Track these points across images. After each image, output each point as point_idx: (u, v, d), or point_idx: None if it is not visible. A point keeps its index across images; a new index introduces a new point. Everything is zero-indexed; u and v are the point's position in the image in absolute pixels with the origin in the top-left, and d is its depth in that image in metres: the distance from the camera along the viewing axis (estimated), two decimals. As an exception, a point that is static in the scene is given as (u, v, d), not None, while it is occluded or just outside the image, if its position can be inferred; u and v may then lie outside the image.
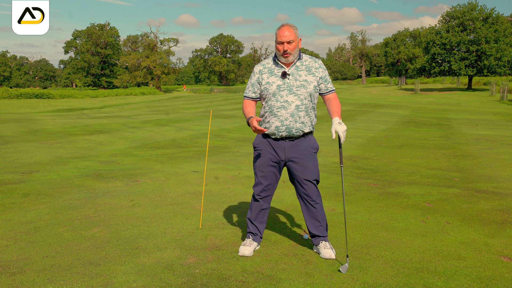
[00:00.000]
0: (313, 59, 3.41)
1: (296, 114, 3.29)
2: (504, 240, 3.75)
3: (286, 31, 3.23)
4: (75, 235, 3.85)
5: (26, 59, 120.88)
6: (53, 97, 46.11)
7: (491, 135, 13.47)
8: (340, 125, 3.19)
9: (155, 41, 79.45)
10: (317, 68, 3.36)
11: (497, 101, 34.33)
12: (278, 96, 3.30)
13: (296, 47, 3.26)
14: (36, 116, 22.14)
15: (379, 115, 23.02)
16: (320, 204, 3.45)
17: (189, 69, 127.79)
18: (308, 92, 3.30)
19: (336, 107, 3.35)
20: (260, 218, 3.54)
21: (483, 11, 43.17)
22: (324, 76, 3.37)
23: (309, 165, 3.37)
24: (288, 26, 3.26)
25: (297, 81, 3.30)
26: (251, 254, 3.41)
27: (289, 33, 3.22)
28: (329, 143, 10.74)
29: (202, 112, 25.67)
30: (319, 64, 3.38)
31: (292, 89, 3.29)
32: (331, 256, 3.35)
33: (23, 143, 10.30)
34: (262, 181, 3.45)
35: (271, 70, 3.35)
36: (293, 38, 3.22)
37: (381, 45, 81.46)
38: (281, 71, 3.32)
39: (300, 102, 3.29)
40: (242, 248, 3.43)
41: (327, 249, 3.39)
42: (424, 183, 6.14)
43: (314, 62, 3.38)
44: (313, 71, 3.33)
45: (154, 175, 6.56)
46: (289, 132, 3.32)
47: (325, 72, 3.40)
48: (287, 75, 3.29)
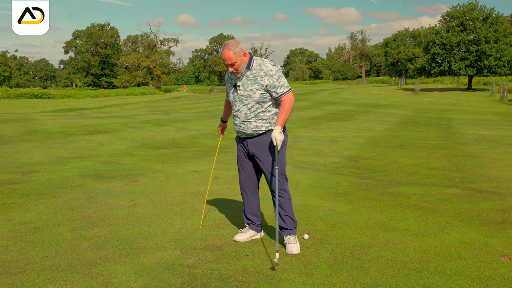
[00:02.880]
0: (262, 66, 3.43)
1: (247, 121, 3.51)
2: (504, 240, 3.75)
3: (225, 54, 3.35)
4: (75, 235, 3.85)
5: (26, 59, 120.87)
6: (53, 97, 46.10)
7: (491, 135, 13.47)
8: (279, 134, 3.33)
9: (155, 41, 79.42)
10: (262, 76, 3.40)
11: (497, 101, 34.32)
12: (234, 105, 3.59)
13: (240, 64, 3.38)
14: (36, 116, 22.14)
15: (379, 115, 23.02)
16: (285, 197, 3.55)
17: (189, 69, 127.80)
18: (254, 100, 3.45)
19: (282, 114, 3.40)
20: (250, 209, 3.73)
21: (483, 11, 43.14)
22: (271, 83, 3.39)
23: (268, 159, 3.55)
24: (227, 48, 3.34)
25: (245, 91, 3.46)
26: (244, 240, 3.64)
27: (228, 56, 3.34)
28: (329, 143, 10.74)
29: (202, 112, 25.67)
30: (264, 72, 3.40)
31: (242, 99, 3.50)
32: (293, 251, 3.44)
33: (23, 143, 10.30)
34: (241, 172, 3.72)
35: (231, 80, 3.59)
36: (234, 59, 3.35)
37: (381, 45, 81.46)
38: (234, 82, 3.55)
39: (248, 111, 3.49)
40: (237, 235, 3.67)
41: (290, 244, 3.51)
42: (424, 183, 6.14)
43: (260, 70, 3.42)
44: (258, 80, 3.41)
45: (154, 175, 6.56)
46: (246, 135, 3.57)
47: (272, 78, 3.39)
48: (237, 87, 3.50)
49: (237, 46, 3.35)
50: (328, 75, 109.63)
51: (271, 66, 3.43)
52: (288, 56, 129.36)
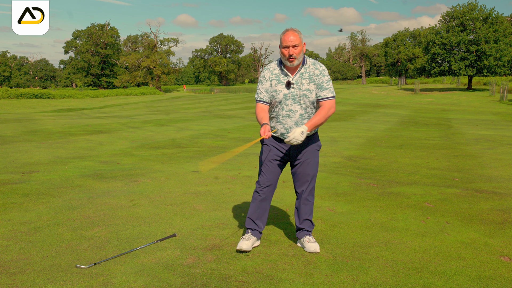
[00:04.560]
0: (316, 65, 3.38)
1: (300, 123, 3.37)
2: (504, 240, 3.75)
3: (291, 35, 3.23)
4: (75, 235, 3.85)
5: (26, 59, 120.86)
6: (53, 97, 46.09)
7: (491, 135, 13.46)
8: (301, 135, 3.15)
9: (155, 41, 79.43)
10: (318, 75, 3.34)
11: (497, 101, 34.32)
12: (284, 105, 3.36)
13: (301, 51, 3.27)
14: (36, 116, 22.14)
15: (379, 115, 23.02)
16: (312, 201, 3.57)
17: (189, 69, 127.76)
18: (310, 101, 3.35)
19: (316, 117, 3.27)
20: (260, 215, 3.55)
21: (483, 11, 43.15)
22: (321, 82, 3.33)
23: (312, 162, 3.48)
24: (293, 30, 3.26)
25: (300, 90, 3.32)
26: (249, 248, 3.42)
27: (294, 37, 3.23)
28: (329, 143, 10.74)
29: (202, 112, 25.67)
30: (319, 71, 3.35)
31: (296, 98, 3.33)
32: (316, 250, 3.43)
33: (23, 143, 10.30)
34: (265, 175, 3.49)
35: (278, 77, 3.38)
36: (298, 42, 3.23)
37: (381, 45, 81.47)
38: (286, 80, 3.34)
39: (303, 111, 3.37)
40: (241, 242, 3.45)
41: (311, 243, 3.49)
42: (424, 183, 6.14)
43: (315, 68, 3.35)
44: (313, 79, 3.33)
45: (154, 175, 6.56)
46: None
47: (323, 78, 3.34)
48: (291, 85, 3.32)
49: (301, 33, 3.26)
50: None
51: (324, 67, 3.37)
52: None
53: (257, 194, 3.54)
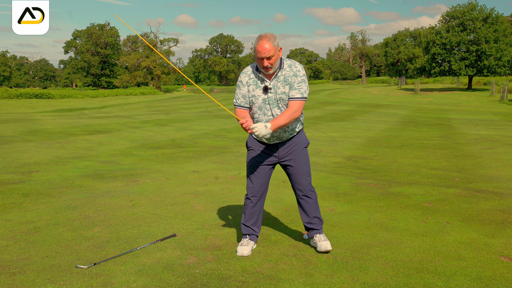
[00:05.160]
0: (292, 66, 3.28)
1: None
2: (504, 240, 3.75)
3: (265, 44, 3.10)
4: (75, 235, 3.85)
5: (26, 59, 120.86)
6: (53, 97, 46.07)
7: (491, 135, 13.47)
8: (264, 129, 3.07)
9: (155, 41, 79.42)
10: (291, 76, 3.26)
11: (497, 101, 34.33)
12: (264, 109, 3.32)
13: (276, 59, 3.18)
14: (36, 116, 22.14)
15: (379, 115, 23.02)
16: (313, 197, 3.54)
17: (189, 69, 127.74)
18: (286, 103, 3.30)
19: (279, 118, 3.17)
20: (254, 220, 3.55)
21: (483, 11, 43.18)
22: (292, 83, 3.25)
23: (302, 160, 3.48)
24: (267, 39, 3.12)
25: (277, 94, 3.27)
26: (249, 253, 3.43)
27: (268, 46, 3.10)
28: (328, 143, 10.74)
29: (202, 112, 25.67)
30: (293, 72, 3.26)
31: (274, 103, 3.29)
32: (327, 248, 3.41)
33: (23, 143, 10.30)
34: (255, 181, 3.49)
35: (255, 82, 3.31)
36: (273, 52, 3.13)
37: (381, 45, 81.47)
38: (263, 85, 3.28)
39: None
40: (240, 248, 3.44)
41: (321, 241, 3.46)
42: (424, 183, 6.14)
43: (291, 70, 3.27)
44: (288, 80, 3.26)
45: (154, 175, 6.56)
46: (280, 140, 3.43)
47: (295, 79, 3.24)
48: (268, 90, 3.26)
49: (275, 39, 3.16)
50: (328, 75, 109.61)
51: (300, 67, 3.29)
52: (288, 56, 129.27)
53: (249, 201, 3.53)
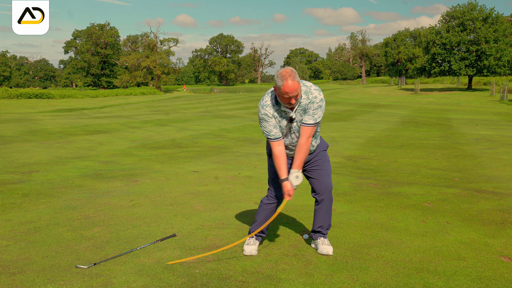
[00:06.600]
0: (308, 94, 3.26)
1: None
2: (504, 240, 3.75)
3: (292, 84, 3.08)
4: (75, 235, 3.85)
5: (26, 59, 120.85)
6: (53, 97, 46.08)
7: (491, 135, 13.47)
8: (296, 179, 3.27)
9: (155, 41, 79.44)
10: (307, 104, 3.27)
11: (497, 101, 34.32)
12: (289, 136, 3.40)
13: (300, 94, 3.20)
14: (36, 116, 22.13)
15: (379, 115, 23.02)
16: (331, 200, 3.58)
17: (189, 69, 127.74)
18: None
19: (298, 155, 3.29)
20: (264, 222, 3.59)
21: (483, 11, 43.15)
22: (308, 109, 3.27)
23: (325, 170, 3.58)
24: (291, 78, 3.09)
25: (298, 122, 3.32)
26: (257, 252, 3.48)
27: (294, 86, 3.09)
28: (329, 143, 10.73)
29: (202, 112, 25.67)
30: (309, 100, 3.26)
31: (297, 130, 3.36)
32: (328, 252, 3.43)
33: (23, 143, 10.30)
34: (275, 189, 3.54)
35: (280, 113, 3.32)
36: (298, 90, 3.14)
37: (381, 45, 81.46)
38: (287, 116, 3.31)
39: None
40: (248, 247, 3.47)
41: (325, 245, 3.48)
42: (424, 183, 6.14)
43: (307, 98, 3.27)
44: (305, 108, 3.30)
45: (154, 175, 6.56)
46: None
47: (311, 106, 3.25)
48: (293, 120, 3.31)
49: (296, 73, 3.12)
50: (328, 75, 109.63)
51: (316, 93, 3.26)
52: (288, 56, 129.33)
53: (269, 205, 3.57)
